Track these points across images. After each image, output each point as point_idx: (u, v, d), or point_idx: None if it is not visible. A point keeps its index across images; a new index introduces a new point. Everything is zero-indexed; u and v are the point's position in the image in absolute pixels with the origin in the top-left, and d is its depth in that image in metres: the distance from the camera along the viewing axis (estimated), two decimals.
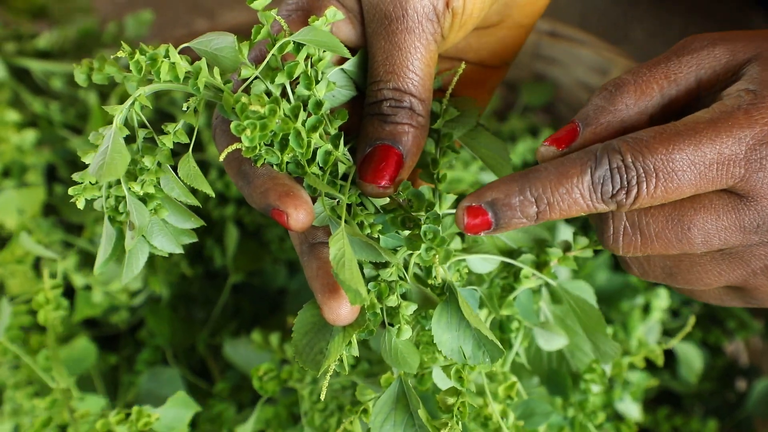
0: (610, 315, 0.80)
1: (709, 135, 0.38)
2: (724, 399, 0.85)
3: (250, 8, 0.39)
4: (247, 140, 0.38)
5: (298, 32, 0.41)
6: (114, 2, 1.22)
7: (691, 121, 0.39)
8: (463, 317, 0.41)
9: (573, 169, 0.39)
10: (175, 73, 0.39)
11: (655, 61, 0.43)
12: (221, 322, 0.82)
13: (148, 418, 0.50)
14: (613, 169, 0.39)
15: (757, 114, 0.38)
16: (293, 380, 0.55)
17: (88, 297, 0.76)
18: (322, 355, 0.41)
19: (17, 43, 0.89)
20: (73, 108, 0.86)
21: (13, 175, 0.82)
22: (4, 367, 0.66)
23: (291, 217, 0.39)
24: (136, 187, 0.40)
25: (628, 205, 0.39)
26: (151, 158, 0.40)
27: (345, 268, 0.38)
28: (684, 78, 0.42)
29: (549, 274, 0.48)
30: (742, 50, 0.41)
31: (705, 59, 0.42)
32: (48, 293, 0.57)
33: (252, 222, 0.81)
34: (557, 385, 0.53)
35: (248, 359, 0.73)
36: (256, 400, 0.75)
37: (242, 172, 0.41)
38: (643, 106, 0.42)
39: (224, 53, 0.40)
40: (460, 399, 0.43)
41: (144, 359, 0.78)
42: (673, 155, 0.38)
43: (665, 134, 0.39)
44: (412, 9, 0.42)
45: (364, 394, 0.44)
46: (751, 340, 0.90)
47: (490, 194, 0.40)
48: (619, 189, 0.39)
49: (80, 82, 0.39)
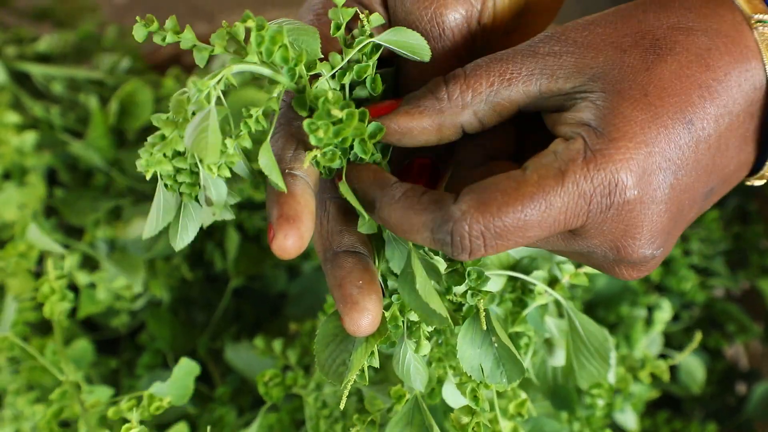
0: (608, 318, 0.80)
1: (554, 193, 0.37)
2: (724, 403, 0.86)
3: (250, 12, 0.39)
4: (315, 140, 0.37)
5: (382, 34, 0.40)
6: (113, 5, 1.22)
7: (536, 176, 0.37)
8: (487, 335, 0.41)
9: (416, 219, 0.38)
10: (287, 54, 0.37)
11: (499, 55, 0.41)
12: (222, 326, 0.82)
13: (160, 402, 0.50)
14: (455, 240, 0.37)
15: (603, 161, 0.37)
16: (298, 386, 0.55)
17: (91, 294, 0.76)
18: (344, 367, 0.40)
19: (18, 47, 0.89)
20: (73, 112, 0.86)
21: (14, 178, 0.82)
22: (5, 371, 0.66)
23: (276, 239, 0.38)
24: (214, 168, 0.38)
25: (466, 259, 0.39)
26: (231, 141, 0.38)
27: (431, 296, 0.37)
28: (520, 80, 0.40)
29: (562, 290, 0.48)
30: (590, 63, 0.39)
31: (548, 66, 0.39)
32: (53, 283, 0.57)
33: (252, 226, 0.81)
34: (563, 399, 0.52)
35: (249, 363, 0.73)
36: (257, 405, 0.75)
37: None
38: (467, 100, 0.40)
39: (306, 44, 0.38)
40: (475, 419, 0.43)
41: (144, 363, 0.78)
42: (519, 219, 0.37)
43: (512, 195, 0.37)
44: (449, 29, 0.42)
45: (373, 405, 0.44)
46: (750, 343, 0.90)
47: (353, 181, 0.40)
48: (460, 251, 0.38)
49: (138, 38, 0.37)
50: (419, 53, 0.41)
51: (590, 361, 0.48)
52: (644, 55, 0.38)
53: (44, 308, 0.56)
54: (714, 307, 0.87)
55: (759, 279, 0.83)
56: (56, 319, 0.57)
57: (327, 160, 0.39)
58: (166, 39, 0.37)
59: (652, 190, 0.38)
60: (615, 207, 0.37)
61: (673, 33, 0.39)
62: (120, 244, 0.78)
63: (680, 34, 0.39)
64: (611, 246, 0.39)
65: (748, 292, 0.91)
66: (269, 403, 0.56)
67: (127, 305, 0.78)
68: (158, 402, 0.50)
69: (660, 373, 0.61)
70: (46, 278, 0.57)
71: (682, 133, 0.38)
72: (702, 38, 0.39)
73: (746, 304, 0.89)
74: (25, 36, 0.91)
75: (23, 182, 0.81)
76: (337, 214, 0.42)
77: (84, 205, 0.81)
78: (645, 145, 0.37)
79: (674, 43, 0.38)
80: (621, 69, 0.38)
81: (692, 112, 0.38)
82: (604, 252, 0.40)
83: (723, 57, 0.38)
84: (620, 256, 0.40)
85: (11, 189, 0.78)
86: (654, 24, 0.39)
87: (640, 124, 0.37)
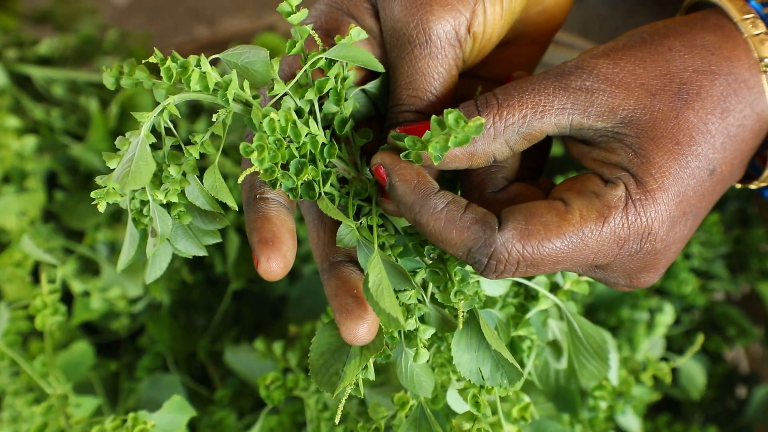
0: (609, 322, 0.80)
1: (593, 235, 0.39)
2: (725, 406, 0.86)
3: (250, 16, 0.39)
4: (257, 162, 0.38)
5: (331, 49, 0.41)
6: (114, 8, 1.22)
7: (578, 215, 0.39)
8: (483, 339, 0.41)
9: (457, 236, 0.39)
10: (205, 82, 0.38)
11: (530, 84, 0.42)
12: (222, 329, 0.82)
13: (144, 424, 0.50)
14: (491, 263, 0.39)
15: (642, 211, 0.39)
16: (299, 389, 0.55)
17: (86, 302, 0.76)
18: (337, 377, 0.41)
19: (18, 50, 0.89)
20: (74, 115, 0.86)
21: (13, 182, 0.82)
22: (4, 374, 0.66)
23: (260, 265, 0.39)
24: (159, 196, 0.39)
25: (491, 278, 0.41)
26: (177, 168, 0.40)
27: (384, 295, 0.37)
28: (552, 113, 0.41)
29: (564, 296, 0.48)
30: (621, 105, 0.41)
31: (579, 102, 0.41)
32: (45, 297, 0.57)
33: None
34: (566, 401, 0.52)
35: (249, 366, 0.73)
36: (257, 407, 0.75)
37: (247, 198, 0.42)
38: (500, 130, 0.41)
39: (256, 67, 0.39)
40: (476, 425, 0.43)
41: (144, 366, 0.78)
42: (556, 253, 0.39)
43: (553, 230, 0.39)
44: (435, 35, 0.42)
45: (377, 412, 0.44)
46: (751, 347, 0.90)
47: (395, 180, 0.41)
48: (490, 273, 0.40)
49: (108, 85, 0.39)
50: (369, 65, 0.41)
51: (590, 361, 0.49)
52: (673, 101, 0.41)
53: (36, 321, 0.56)
54: (714, 310, 0.86)
55: (759, 282, 0.83)
56: (47, 331, 0.57)
57: (267, 176, 0.39)
58: (124, 82, 0.39)
59: (675, 234, 0.41)
60: (643, 252, 0.41)
61: (698, 77, 0.41)
62: (120, 247, 0.77)
63: (704, 79, 0.41)
64: (626, 276, 0.42)
65: (749, 296, 0.91)
66: (270, 405, 0.56)
67: (127, 308, 0.78)
68: (142, 424, 0.50)
69: (662, 375, 0.61)
70: (39, 292, 0.57)
71: (707, 181, 0.41)
72: (723, 83, 0.41)
73: (746, 308, 0.89)
74: (25, 39, 0.91)
75: (23, 186, 0.81)
76: (333, 225, 0.42)
77: (84, 209, 0.81)
78: (677, 196, 0.40)
79: (699, 88, 0.41)
80: (652, 114, 0.40)
81: (715, 159, 0.41)
82: (617, 280, 0.43)
83: (741, 101, 0.41)
84: (631, 284, 0.43)
85: (10, 195, 0.78)
86: (680, 66, 0.41)
87: (674, 176, 0.40)
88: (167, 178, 0.40)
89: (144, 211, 0.41)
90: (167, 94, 0.39)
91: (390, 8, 0.43)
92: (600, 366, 0.49)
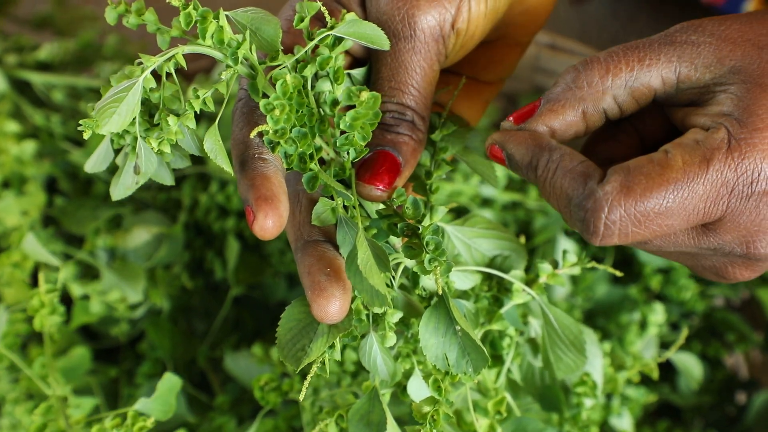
0: (608, 328, 0.80)
1: (698, 180, 0.38)
2: (724, 412, 0.85)
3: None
4: (272, 121, 0.38)
5: (340, 25, 0.41)
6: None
7: (680, 161, 0.38)
8: (451, 323, 0.41)
9: (563, 185, 0.40)
10: (221, 36, 0.38)
11: (634, 44, 0.42)
12: (222, 335, 0.82)
13: (144, 422, 0.50)
14: (588, 219, 0.39)
15: (747, 150, 0.38)
16: (294, 392, 0.55)
17: (85, 305, 0.76)
18: (303, 353, 0.41)
19: (18, 55, 0.89)
20: (73, 120, 0.86)
21: (13, 186, 0.82)
22: (4, 380, 0.66)
23: (257, 221, 0.39)
24: (153, 143, 0.39)
25: (596, 244, 0.40)
26: (175, 119, 0.39)
27: (373, 272, 0.37)
28: (659, 66, 0.41)
29: (539, 289, 0.48)
30: (729, 56, 0.40)
31: (686, 54, 0.41)
32: (43, 297, 0.57)
33: (252, 235, 0.81)
34: (550, 401, 0.52)
35: (249, 372, 0.73)
36: (257, 413, 0.75)
37: (243, 157, 0.41)
38: (607, 85, 0.42)
39: (266, 32, 0.39)
40: (435, 407, 0.42)
41: (144, 372, 0.78)
42: (662, 205, 0.38)
43: (656, 180, 0.38)
44: (420, 30, 0.43)
45: (345, 399, 0.45)
46: (750, 353, 0.90)
47: (511, 148, 0.42)
48: (590, 233, 0.39)
49: (110, 20, 0.38)
50: (377, 43, 0.41)
51: (566, 354, 0.48)
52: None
53: (34, 321, 0.56)
54: (714, 316, 0.86)
55: (759, 288, 0.83)
56: (46, 332, 0.57)
57: (277, 136, 0.39)
58: (130, 21, 0.38)
59: None
60: (755, 197, 0.38)
61: None
62: (120, 253, 0.78)
63: None
64: (741, 241, 0.40)
65: (748, 302, 0.91)
66: (266, 408, 0.56)
67: (127, 314, 0.78)
68: (142, 422, 0.50)
69: (649, 371, 0.61)
70: (37, 292, 0.57)
71: None
72: None
73: (746, 314, 0.89)
74: (25, 44, 0.91)
75: (22, 191, 0.81)
76: (309, 206, 0.43)
77: (84, 214, 0.81)
78: None
79: None
80: (760, 65, 0.40)
81: None
82: (733, 248, 0.41)
83: None
84: (747, 251, 0.41)
85: (10, 198, 0.78)
86: None
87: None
88: (164, 127, 0.39)
89: (128, 140, 0.40)
90: (169, 41, 0.38)
91: (377, 0, 0.44)
92: (576, 358, 0.48)
